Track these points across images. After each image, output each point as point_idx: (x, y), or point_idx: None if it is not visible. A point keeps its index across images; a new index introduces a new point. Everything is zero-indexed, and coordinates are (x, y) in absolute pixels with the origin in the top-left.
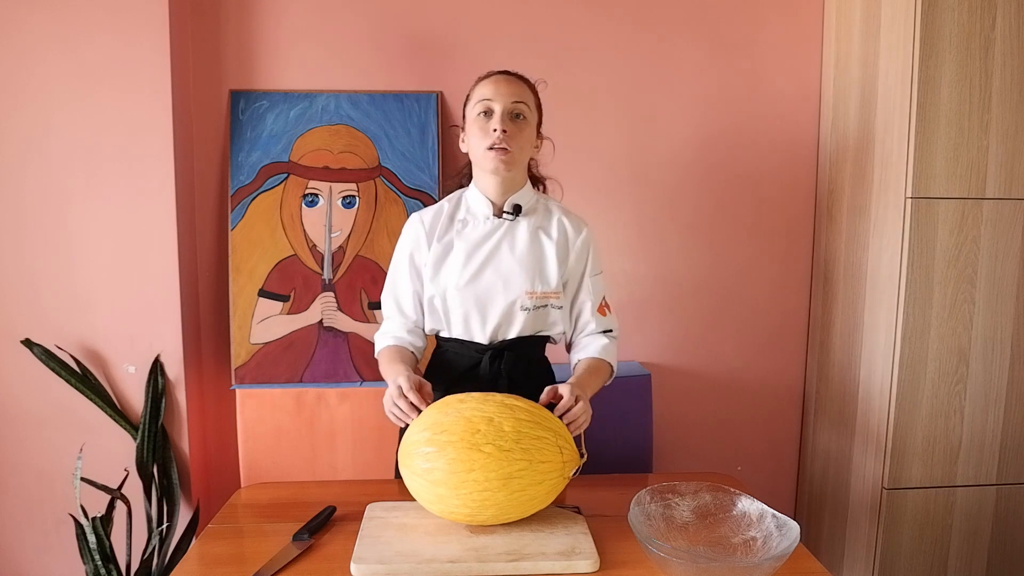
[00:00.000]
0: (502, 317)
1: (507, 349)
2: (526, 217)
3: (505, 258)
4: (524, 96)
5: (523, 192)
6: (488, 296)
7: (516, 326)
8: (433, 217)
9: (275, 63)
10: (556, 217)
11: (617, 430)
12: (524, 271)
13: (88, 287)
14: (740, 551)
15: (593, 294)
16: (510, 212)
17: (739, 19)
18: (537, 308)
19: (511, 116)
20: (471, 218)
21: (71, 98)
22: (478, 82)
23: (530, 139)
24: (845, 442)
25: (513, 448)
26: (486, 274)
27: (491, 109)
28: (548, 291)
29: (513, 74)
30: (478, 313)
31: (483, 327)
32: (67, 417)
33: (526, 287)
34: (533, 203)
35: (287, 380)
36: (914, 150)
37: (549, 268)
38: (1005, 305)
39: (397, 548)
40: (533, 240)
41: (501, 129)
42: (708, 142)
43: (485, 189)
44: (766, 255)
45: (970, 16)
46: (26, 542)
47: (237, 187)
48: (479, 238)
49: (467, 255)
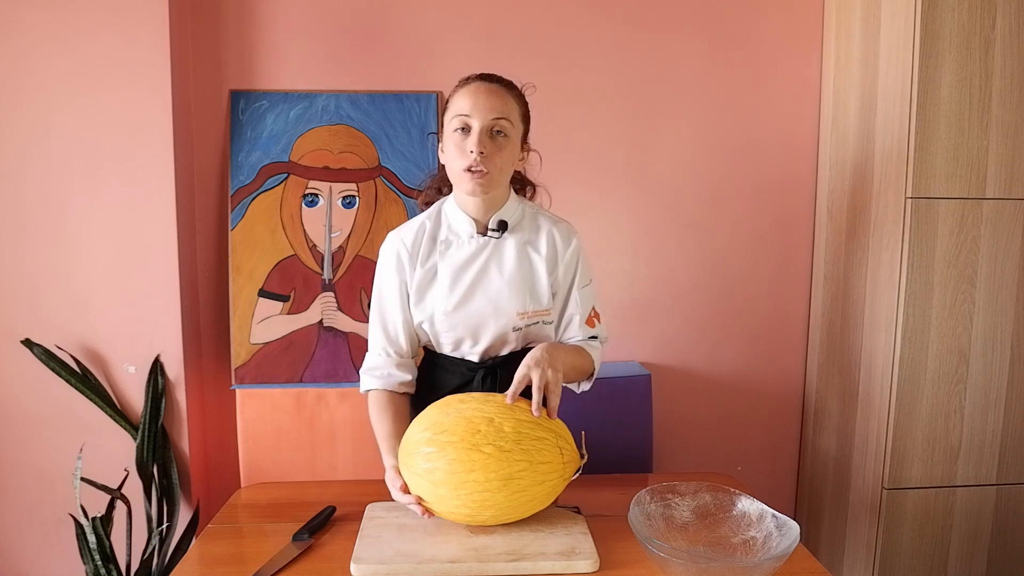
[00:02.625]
0: (494, 339)
1: (499, 367)
2: (512, 233)
3: (494, 280)
4: (506, 109)
5: (508, 206)
6: (479, 321)
7: (508, 345)
8: (415, 237)
9: (275, 63)
10: (544, 229)
11: (617, 430)
12: (514, 292)
13: (88, 287)
14: (740, 551)
15: (582, 307)
16: (495, 229)
17: (739, 19)
18: (529, 326)
19: (491, 134)
20: (454, 238)
21: (71, 98)
22: (457, 88)
23: (511, 156)
24: (845, 442)
25: (513, 449)
26: (475, 299)
27: (469, 125)
28: (540, 309)
29: (496, 81)
30: (470, 338)
31: (474, 348)
32: (67, 417)
33: (517, 308)
34: (519, 216)
35: (287, 380)
36: (914, 150)
37: (540, 285)
38: (1005, 305)
39: (397, 548)
40: (521, 257)
41: (478, 151)
42: (708, 142)
43: (465, 206)
44: (766, 255)
45: (970, 16)
46: (26, 542)
47: (237, 187)
48: (464, 260)
49: (453, 279)
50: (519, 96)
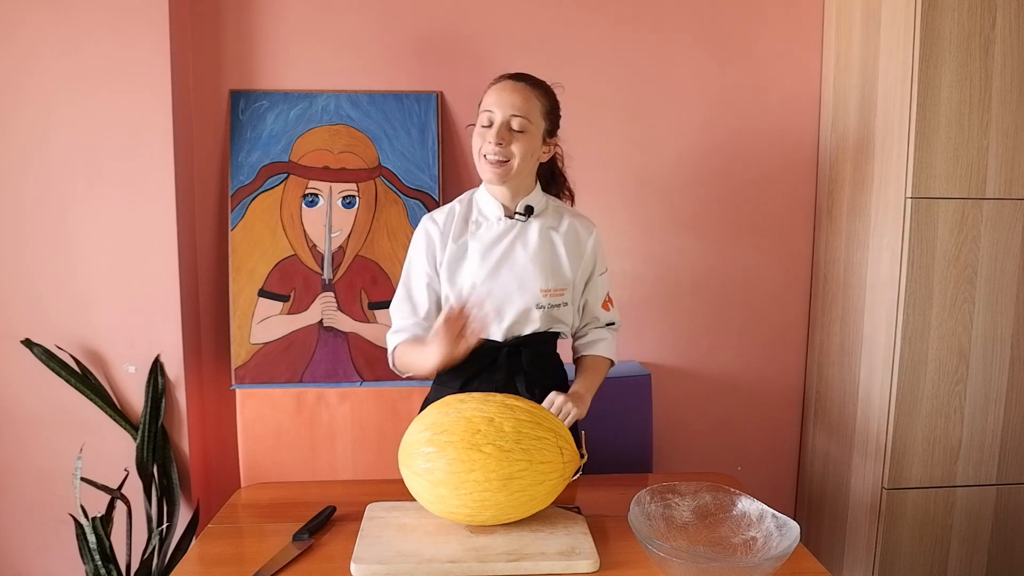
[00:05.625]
0: (519, 315)
1: (523, 345)
2: (536, 217)
3: (519, 258)
4: (527, 107)
5: (533, 195)
6: (505, 296)
7: (532, 324)
8: (446, 218)
9: (275, 63)
10: (566, 219)
11: (617, 430)
12: (538, 269)
13: (88, 287)
14: (740, 551)
15: (600, 290)
16: (522, 213)
17: (739, 20)
18: (552, 307)
19: (509, 127)
20: (483, 220)
21: (71, 98)
22: (489, 86)
23: (531, 148)
24: (845, 442)
25: (513, 448)
26: (502, 274)
27: (492, 120)
28: (562, 287)
29: (523, 80)
30: (495, 313)
31: (499, 325)
32: (67, 417)
33: (541, 285)
34: (543, 206)
35: (287, 380)
36: (914, 150)
37: (562, 266)
38: (1005, 305)
39: (397, 548)
40: (544, 238)
41: (496, 141)
42: (708, 142)
43: (494, 193)
44: (766, 255)
45: (970, 16)
46: (26, 542)
47: (237, 187)
48: (492, 239)
49: (482, 255)
50: (545, 94)
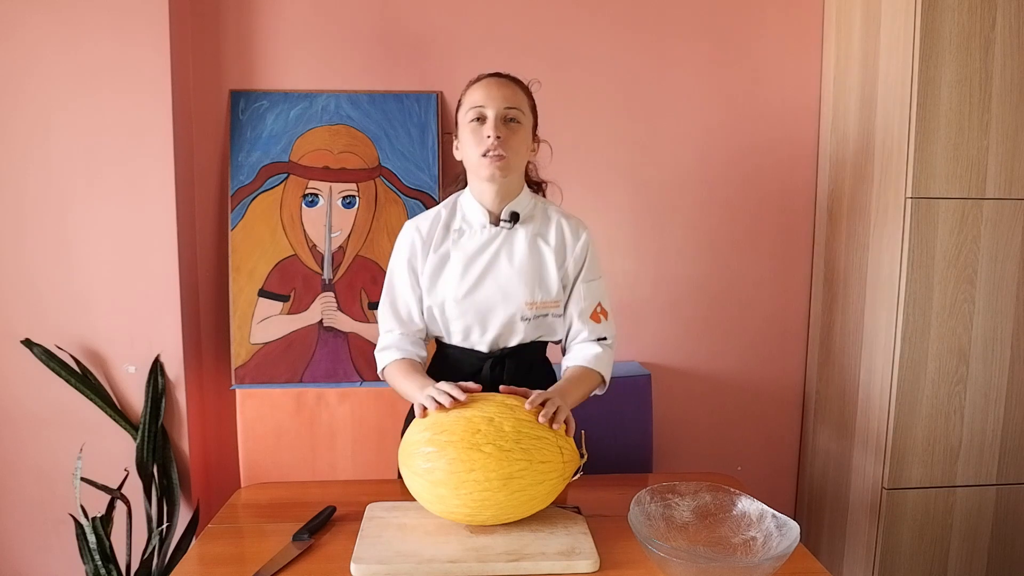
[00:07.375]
0: (503, 328)
1: (507, 357)
2: (524, 224)
3: (504, 269)
4: (517, 100)
5: (520, 198)
6: (488, 308)
7: (517, 336)
8: (430, 225)
9: (275, 63)
10: (555, 221)
11: (617, 430)
12: (523, 281)
13: (88, 287)
14: (740, 551)
15: (585, 300)
16: (507, 220)
17: (739, 19)
18: (537, 318)
19: (504, 121)
20: (467, 227)
21: (71, 98)
22: (469, 86)
23: (525, 143)
24: (845, 442)
25: (513, 448)
26: (485, 286)
27: (484, 115)
28: (548, 300)
29: (505, 76)
30: (479, 325)
31: (483, 337)
32: (67, 417)
33: (526, 297)
34: (531, 208)
35: (287, 380)
36: (914, 150)
37: (549, 276)
38: (1005, 305)
39: (397, 548)
40: (532, 248)
41: (495, 135)
42: (708, 142)
43: (481, 197)
44: (766, 255)
45: (970, 16)
46: (26, 542)
47: (237, 187)
48: (476, 248)
49: (464, 266)
50: (527, 90)
